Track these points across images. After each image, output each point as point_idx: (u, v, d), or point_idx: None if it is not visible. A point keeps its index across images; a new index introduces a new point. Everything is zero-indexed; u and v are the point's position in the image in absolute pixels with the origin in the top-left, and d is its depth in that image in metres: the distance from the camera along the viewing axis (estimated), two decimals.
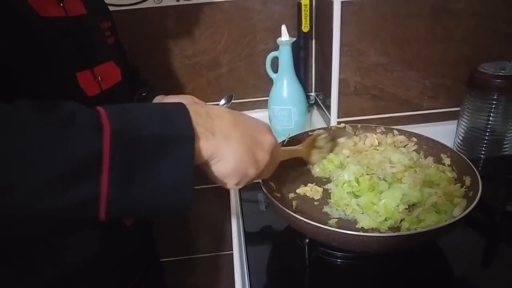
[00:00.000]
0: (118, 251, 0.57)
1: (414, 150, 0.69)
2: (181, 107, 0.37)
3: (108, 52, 0.59)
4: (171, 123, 0.35)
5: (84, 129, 0.32)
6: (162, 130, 0.34)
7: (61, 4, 0.50)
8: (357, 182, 0.60)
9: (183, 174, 0.35)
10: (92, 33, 0.56)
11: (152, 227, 0.72)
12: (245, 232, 0.64)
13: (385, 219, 0.54)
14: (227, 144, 0.39)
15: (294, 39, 0.88)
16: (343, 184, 0.61)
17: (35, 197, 0.30)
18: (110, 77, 0.57)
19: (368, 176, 0.60)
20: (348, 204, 0.58)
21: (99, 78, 0.54)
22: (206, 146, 0.37)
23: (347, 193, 0.59)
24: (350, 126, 0.74)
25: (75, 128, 0.31)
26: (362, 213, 0.56)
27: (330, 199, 0.61)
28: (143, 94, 0.74)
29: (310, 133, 0.72)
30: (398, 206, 0.55)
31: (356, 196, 0.59)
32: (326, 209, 0.59)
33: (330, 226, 0.50)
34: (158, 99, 0.74)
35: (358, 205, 0.57)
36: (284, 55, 0.87)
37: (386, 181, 0.60)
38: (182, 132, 0.35)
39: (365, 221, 0.55)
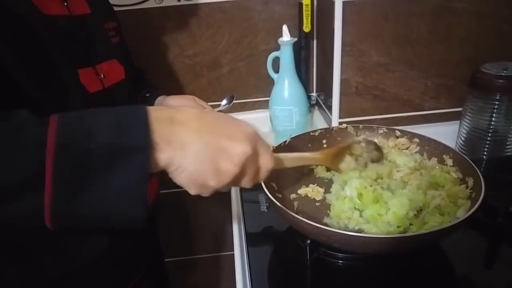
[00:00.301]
0: (123, 244, 0.57)
1: (416, 152, 0.69)
2: (142, 113, 0.35)
3: (112, 50, 0.60)
4: (126, 133, 0.34)
5: (28, 143, 0.31)
6: (114, 141, 0.33)
7: (65, 4, 0.51)
8: (360, 197, 0.58)
9: (135, 187, 0.34)
10: (95, 32, 0.57)
11: (158, 221, 0.72)
12: (246, 232, 0.64)
13: (396, 227, 0.54)
14: (182, 154, 0.36)
15: (295, 39, 0.88)
16: (344, 198, 0.59)
17: None
18: (113, 75, 0.58)
19: (372, 188, 0.58)
20: (350, 217, 0.56)
21: (102, 76, 0.55)
22: (161, 156, 0.35)
23: (349, 207, 0.58)
24: (352, 126, 0.74)
25: (19, 142, 0.31)
26: (369, 223, 0.55)
27: (329, 210, 0.60)
28: (147, 95, 0.75)
29: (311, 133, 0.72)
30: (407, 213, 0.54)
31: (359, 210, 0.57)
32: (326, 220, 0.58)
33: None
34: (160, 100, 0.74)
35: (361, 216, 0.56)
36: (285, 55, 0.87)
37: (389, 190, 0.59)
38: (135, 142, 0.34)
39: (372, 231, 0.54)
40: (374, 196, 0.57)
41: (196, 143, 0.37)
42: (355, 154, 0.64)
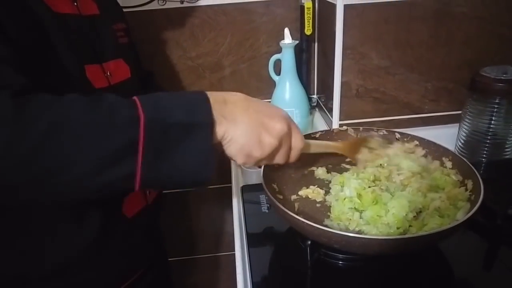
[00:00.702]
0: (118, 241, 0.58)
1: (422, 156, 0.68)
2: (202, 96, 0.43)
3: (119, 50, 0.62)
4: (193, 111, 0.41)
5: (123, 120, 0.38)
6: (186, 118, 0.40)
7: (75, 4, 0.54)
8: (359, 197, 0.58)
9: (204, 154, 0.41)
10: (103, 32, 0.59)
11: (159, 222, 0.73)
12: (247, 233, 0.64)
13: (396, 229, 0.54)
14: (234, 127, 0.44)
15: (297, 42, 0.89)
16: (344, 199, 0.59)
17: (89, 173, 0.37)
18: (119, 73, 0.60)
19: (370, 189, 0.58)
20: (350, 219, 0.57)
21: (108, 73, 0.57)
22: (219, 129, 0.43)
23: (349, 208, 0.58)
24: (352, 128, 0.74)
25: (116, 119, 0.38)
26: (368, 224, 0.56)
27: (329, 212, 0.60)
28: None
29: (312, 135, 0.73)
30: (407, 214, 0.54)
31: (359, 211, 0.58)
32: (326, 222, 0.58)
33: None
34: None
35: (361, 218, 0.56)
36: (287, 57, 0.88)
37: (388, 191, 0.59)
38: (202, 119, 0.41)
39: (372, 233, 0.54)
40: (373, 197, 0.57)
41: (244, 119, 0.45)
42: (370, 147, 0.68)
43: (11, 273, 0.51)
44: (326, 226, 0.58)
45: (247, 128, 0.45)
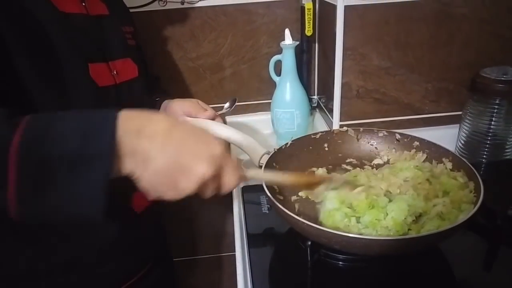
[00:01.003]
0: (128, 236, 0.59)
1: (425, 160, 0.68)
2: (110, 122, 0.36)
3: (126, 50, 0.63)
4: (90, 140, 0.35)
5: None
6: (78, 148, 0.34)
7: (83, 4, 0.55)
8: (353, 206, 0.57)
9: (96, 192, 0.35)
10: (111, 32, 0.60)
11: (163, 219, 0.74)
12: (247, 234, 0.64)
13: (395, 231, 0.54)
14: (144, 167, 0.37)
15: (297, 42, 0.89)
16: (330, 212, 0.58)
17: None
18: (126, 72, 0.61)
19: (365, 194, 0.58)
20: (348, 225, 0.56)
21: (114, 72, 0.58)
22: (123, 166, 0.37)
23: (340, 216, 0.57)
24: (352, 129, 0.74)
25: None
26: (368, 228, 0.55)
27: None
28: (156, 99, 0.77)
29: (312, 136, 0.73)
30: (406, 218, 0.54)
31: (355, 216, 0.57)
32: None
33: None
34: (165, 104, 0.75)
35: (360, 222, 0.56)
36: (287, 58, 0.88)
37: (387, 196, 0.59)
38: (99, 151, 0.35)
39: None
40: (368, 202, 0.57)
41: (158, 159, 0.37)
42: (333, 187, 0.60)
43: (23, 268, 0.52)
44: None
45: (159, 171, 0.37)
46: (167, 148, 0.37)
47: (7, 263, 0.52)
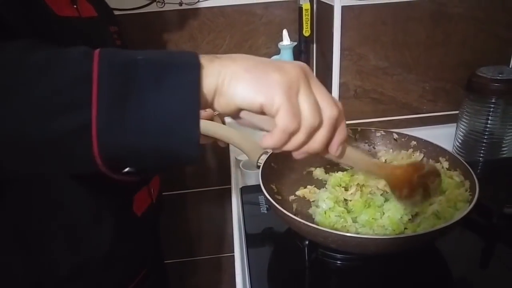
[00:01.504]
0: (129, 241, 0.58)
1: (422, 160, 0.68)
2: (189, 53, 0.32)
3: None
4: (173, 53, 0.32)
5: (73, 55, 0.30)
6: (163, 57, 0.31)
7: (75, 6, 0.53)
8: (346, 206, 0.58)
9: (188, 104, 0.30)
10: (101, 33, 0.59)
11: (159, 220, 0.74)
12: (246, 234, 0.65)
13: (392, 230, 0.55)
14: (233, 63, 0.32)
15: (295, 43, 0.90)
16: (325, 213, 0.59)
17: (23, 128, 0.28)
18: None
19: (359, 193, 0.59)
20: (345, 225, 0.57)
21: None
22: (211, 70, 0.32)
23: (336, 216, 0.57)
24: (350, 129, 0.75)
25: (65, 56, 0.30)
26: (364, 227, 0.56)
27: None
28: None
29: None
30: (402, 217, 0.55)
31: (350, 216, 0.58)
32: None
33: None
34: None
35: (356, 222, 0.57)
36: (286, 59, 0.89)
37: (382, 195, 0.59)
38: (185, 59, 0.31)
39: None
40: (363, 201, 0.57)
41: (243, 59, 0.33)
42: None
43: (27, 280, 0.50)
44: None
45: (249, 64, 0.33)
46: (249, 61, 0.34)
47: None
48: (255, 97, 0.32)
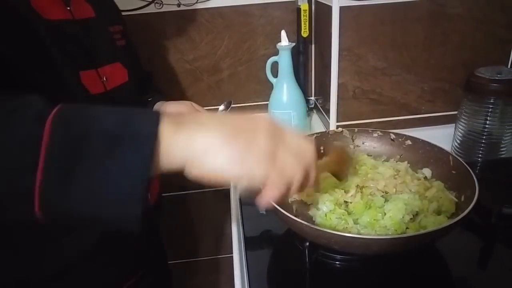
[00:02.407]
0: (119, 243, 0.58)
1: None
2: (152, 112, 0.33)
3: (115, 53, 0.61)
4: (132, 120, 0.31)
5: (27, 119, 0.30)
6: (118, 127, 0.30)
7: (68, 8, 0.53)
8: (348, 207, 0.58)
9: (134, 180, 0.30)
10: (98, 35, 0.58)
11: (158, 225, 0.73)
12: (245, 236, 0.64)
13: (394, 231, 0.54)
14: (206, 132, 0.32)
15: (294, 44, 0.90)
16: (325, 215, 0.58)
17: None
18: (115, 77, 0.59)
19: (359, 195, 0.59)
20: (346, 227, 0.56)
21: (104, 78, 0.56)
22: (176, 143, 0.31)
23: (337, 219, 0.57)
24: (348, 130, 0.75)
25: (18, 117, 0.30)
26: (366, 228, 0.56)
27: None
28: (149, 99, 0.76)
29: (308, 137, 0.73)
30: (403, 217, 0.55)
31: (351, 218, 0.57)
32: None
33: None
34: (158, 106, 0.75)
35: (358, 223, 0.57)
36: (284, 60, 0.88)
37: (384, 197, 0.59)
38: (142, 128, 0.30)
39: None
40: (364, 202, 0.57)
41: (215, 123, 0.32)
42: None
43: (12, 277, 0.51)
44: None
45: (226, 131, 0.32)
46: (222, 125, 0.33)
47: None
48: (239, 172, 0.32)
